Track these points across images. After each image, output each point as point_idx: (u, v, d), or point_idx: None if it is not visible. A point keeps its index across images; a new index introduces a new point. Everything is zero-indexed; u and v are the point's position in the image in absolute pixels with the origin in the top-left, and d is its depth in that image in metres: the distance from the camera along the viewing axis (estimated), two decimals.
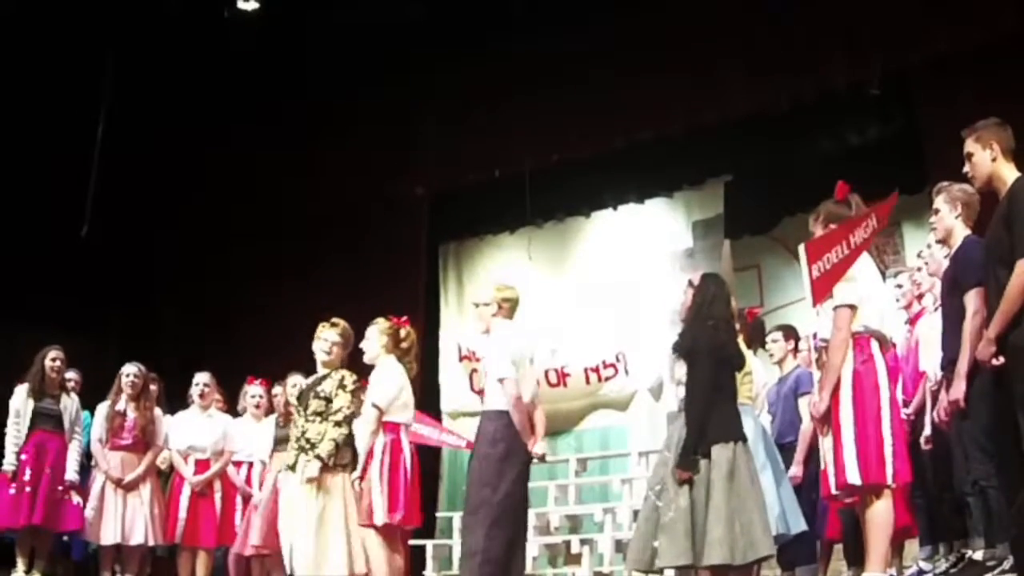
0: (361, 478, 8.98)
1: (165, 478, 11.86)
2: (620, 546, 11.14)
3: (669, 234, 13.31)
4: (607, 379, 13.52)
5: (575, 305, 14.00)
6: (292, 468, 9.05)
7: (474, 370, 14.46)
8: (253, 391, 11.97)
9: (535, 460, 8.86)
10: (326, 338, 9.37)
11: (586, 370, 13.67)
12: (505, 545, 8.51)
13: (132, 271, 16.08)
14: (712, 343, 7.84)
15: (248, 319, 15.49)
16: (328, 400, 9.05)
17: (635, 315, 13.14)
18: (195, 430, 11.44)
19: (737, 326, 8.74)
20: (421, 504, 9.34)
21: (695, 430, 7.66)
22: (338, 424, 9.00)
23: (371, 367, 9.22)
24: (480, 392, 13.70)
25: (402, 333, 9.49)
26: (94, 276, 15.16)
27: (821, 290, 7.03)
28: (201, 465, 11.39)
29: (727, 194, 12.81)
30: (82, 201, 14.20)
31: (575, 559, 11.63)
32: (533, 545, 11.96)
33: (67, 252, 14.57)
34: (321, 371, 9.36)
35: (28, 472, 10.86)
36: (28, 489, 10.82)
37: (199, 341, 14.07)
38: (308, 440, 9.00)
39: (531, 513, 12.14)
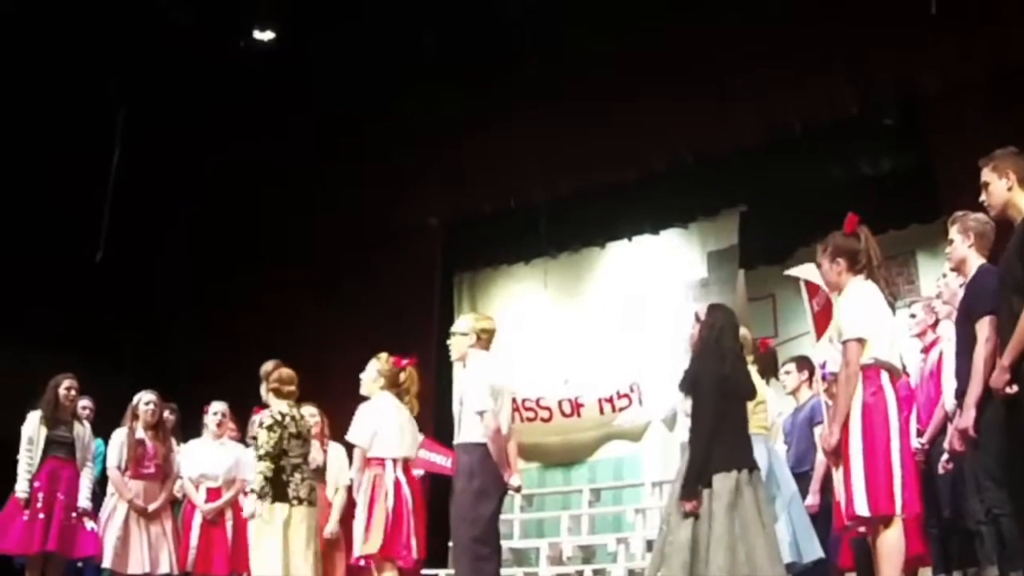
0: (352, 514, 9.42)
1: (176, 506, 11.86)
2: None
3: (684, 265, 13.31)
4: (621, 409, 13.50)
5: (590, 335, 13.98)
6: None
7: None
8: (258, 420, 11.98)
9: (511, 492, 8.97)
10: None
11: (600, 400, 13.64)
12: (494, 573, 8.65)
13: (144, 297, 16.10)
14: (717, 375, 7.81)
15: (259, 348, 15.44)
16: (255, 438, 9.67)
17: (649, 346, 13.13)
18: (208, 458, 11.27)
19: (750, 357, 8.78)
20: (423, 534, 9.52)
21: (697, 461, 7.65)
22: (260, 459, 9.33)
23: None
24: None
25: (402, 376, 9.76)
26: (106, 301, 15.14)
27: (823, 323, 7.04)
28: (213, 493, 11.22)
29: (742, 224, 12.81)
30: (97, 226, 14.20)
31: None
32: (547, 575, 11.95)
33: (80, 277, 14.57)
34: None
35: (41, 499, 10.81)
36: (41, 516, 10.77)
37: (209, 369, 14.03)
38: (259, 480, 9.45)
39: (544, 543, 12.19)
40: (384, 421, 9.48)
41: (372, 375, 9.73)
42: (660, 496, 11.43)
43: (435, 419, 14.63)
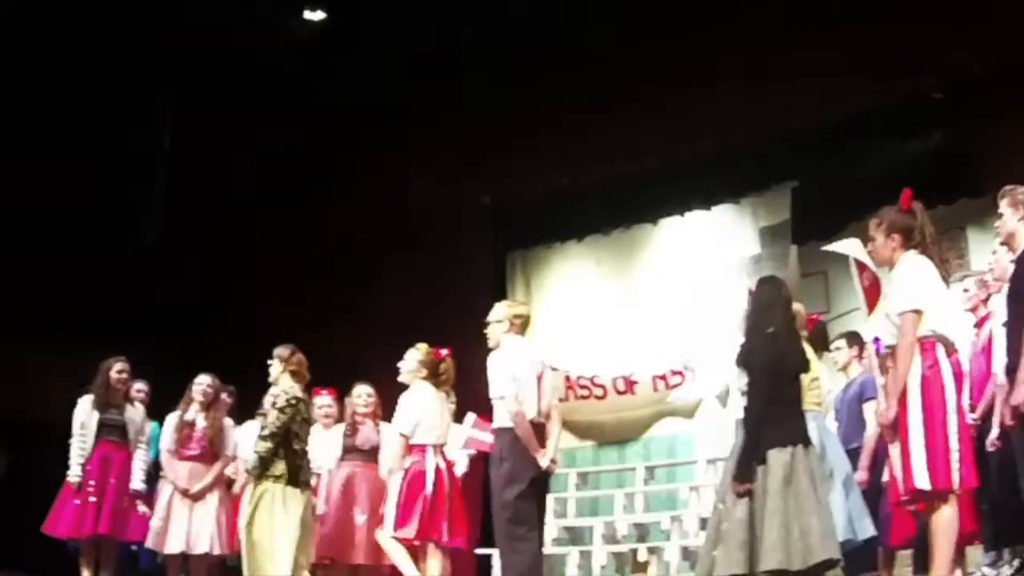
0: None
1: (230, 489, 11.89)
2: (687, 554, 11.10)
3: (736, 240, 13.21)
4: (674, 387, 13.43)
5: (643, 312, 13.92)
6: None
7: None
8: (321, 401, 11.98)
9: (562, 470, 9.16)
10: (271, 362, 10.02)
11: (654, 378, 13.59)
12: (532, 557, 8.92)
13: (199, 283, 16.17)
14: (769, 352, 7.78)
15: (314, 329, 15.54)
16: (264, 416, 9.87)
17: (702, 322, 13.04)
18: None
19: (803, 332, 8.74)
20: (463, 517, 10.05)
21: (751, 439, 7.63)
22: (263, 439, 9.57)
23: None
24: None
25: (441, 367, 10.07)
26: (165, 287, 15.22)
27: (872, 298, 7.00)
28: None
29: (793, 200, 12.72)
30: (149, 212, 14.27)
31: (642, 568, 11.59)
32: (601, 553, 11.98)
33: (134, 266, 14.64)
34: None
35: (93, 483, 10.90)
36: (93, 499, 10.83)
37: (267, 353, 14.11)
38: (255, 453, 9.69)
39: (599, 521, 12.18)
40: (426, 409, 9.78)
41: (412, 365, 10.01)
42: (714, 473, 11.37)
43: (488, 397, 14.66)
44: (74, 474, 10.99)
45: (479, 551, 12.65)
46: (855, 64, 11.94)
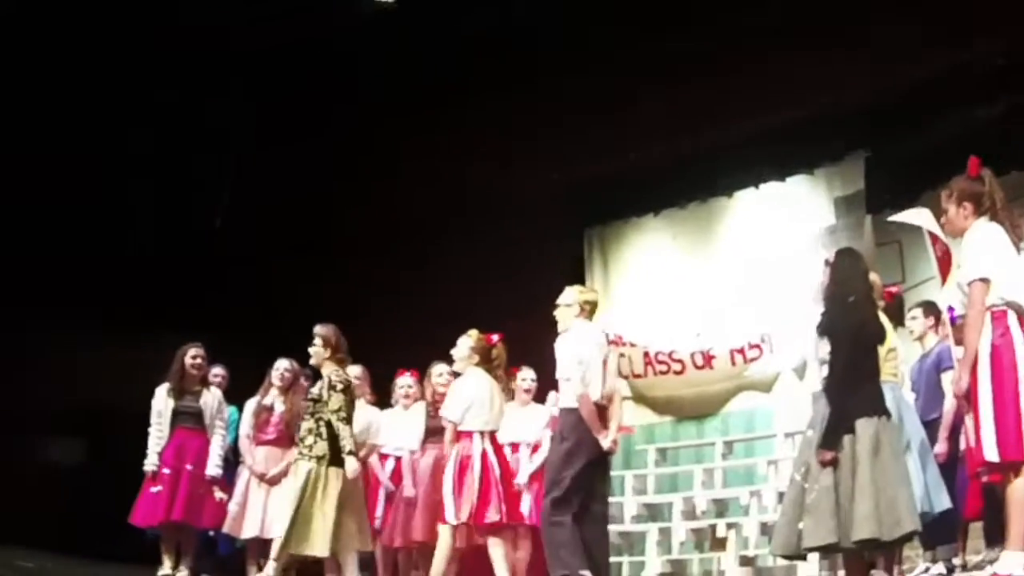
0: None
1: None
2: (766, 529, 11.02)
3: (811, 211, 13.10)
4: (752, 360, 13.32)
5: (719, 286, 13.85)
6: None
7: (622, 355, 14.40)
8: (402, 381, 11.99)
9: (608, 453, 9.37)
10: (312, 343, 10.30)
11: (731, 352, 13.49)
12: (570, 531, 9.04)
13: (274, 265, 16.21)
14: (851, 321, 7.80)
15: (392, 308, 15.56)
16: (317, 400, 9.98)
17: (779, 294, 12.93)
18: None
19: (880, 303, 8.69)
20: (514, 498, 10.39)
21: (837, 409, 7.62)
22: (344, 421, 9.86)
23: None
24: (626, 377, 13.87)
25: (493, 353, 10.31)
26: (235, 272, 15.26)
27: (945, 268, 6.91)
28: None
29: (867, 169, 12.59)
30: (218, 197, 14.31)
31: (720, 543, 11.54)
32: (680, 530, 11.93)
33: (208, 251, 14.69)
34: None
35: (169, 470, 11.00)
36: (169, 486, 10.93)
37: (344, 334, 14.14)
38: (301, 436, 10.02)
39: (678, 497, 12.13)
40: (477, 396, 10.02)
41: (464, 352, 10.22)
42: (792, 447, 11.27)
43: None
44: (151, 463, 11.08)
45: None
46: (928, 31, 11.76)
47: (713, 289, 13.91)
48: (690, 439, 13.61)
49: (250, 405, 11.52)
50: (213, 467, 11.35)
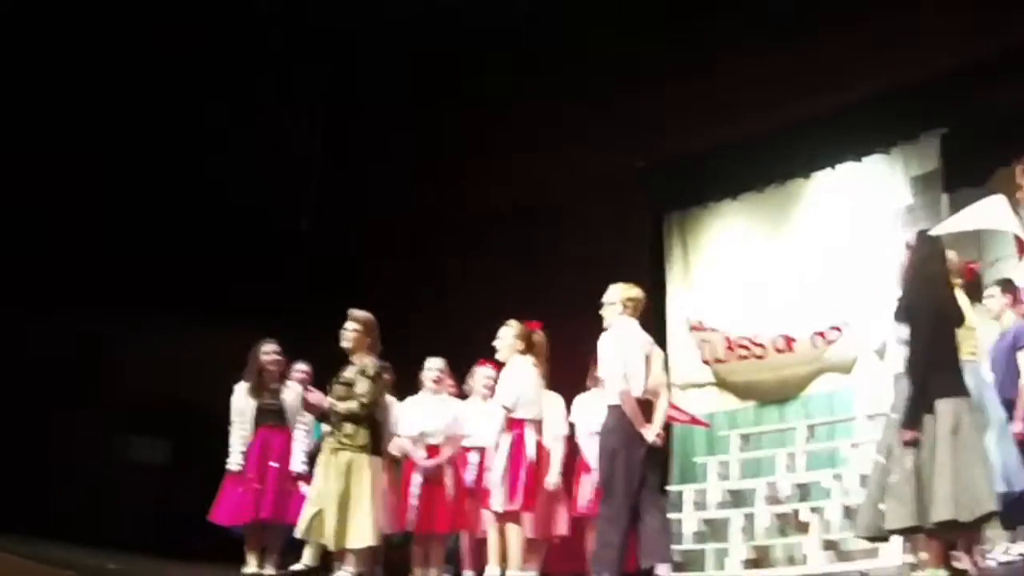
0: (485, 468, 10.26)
1: (396, 465, 11.96)
2: (848, 512, 10.98)
3: (888, 191, 12.97)
4: (832, 342, 13.24)
5: (798, 268, 13.79)
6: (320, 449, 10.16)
7: (703, 340, 14.39)
8: (485, 372, 12.02)
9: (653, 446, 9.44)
10: (346, 327, 10.31)
11: (812, 335, 13.42)
12: (620, 531, 9.22)
13: (351, 260, 16.32)
14: (931, 303, 7.85)
15: (471, 297, 15.64)
16: (349, 385, 10.03)
17: (858, 275, 12.86)
18: (426, 415, 11.43)
19: (958, 281, 8.67)
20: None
21: (918, 389, 7.68)
22: (364, 405, 9.99)
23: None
24: (707, 362, 13.85)
25: (534, 337, 10.44)
26: (315, 267, 15.35)
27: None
28: (432, 450, 11.39)
29: (943, 147, 12.48)
30: (302, 196, 14.42)
31: (803, 528, 11.50)
32: (764, 515, 11.89)
33: (287, 246, 14.78)
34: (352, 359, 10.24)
35: (254, 469, 11.10)
36: (255, 486, 11.02)
37: (421, 327, 14.19)
38: (332, 424, 10.07)
39: (761, 482, 12.11)
40: (526, 384, 10.21)
41: (510, 341, 10.28)
42: (874, 429, 11.20)
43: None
44: (234, 462, 11.18)
45: None
46: (1003, 7, 11.64)
47: (792, 272, 13.86)
48: (772, 423, 13.56)
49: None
50: (298, 463, 11.41)
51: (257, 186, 15.62)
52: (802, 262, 13.77)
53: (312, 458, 11.59)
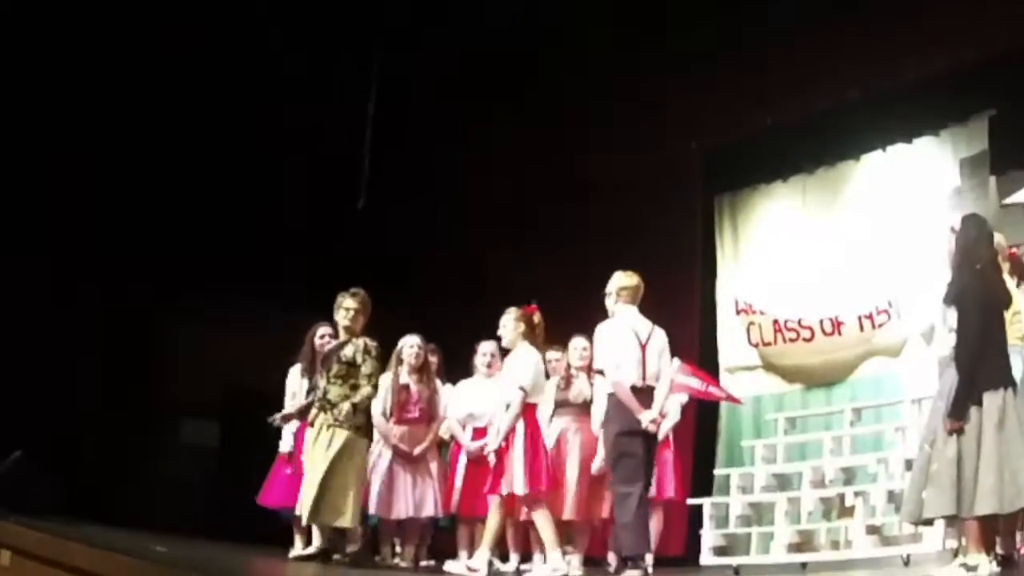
0: (503, 452, 10.11)
1: (444, 447, 12.01)
2: (892, 497, 10.90)
3: (937, 173, 12.86)
4: (880, 326, 13.16)
5: (847, 251, 13.70)
6: (312, 426, 10.28)
7: (751, 323, 14.35)
8: (549, 355, 12.04)
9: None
10: (347, 307, 10.44)
11: (859, 318, 13.35)
12: (634, 511, 9.47)
13: (404, 242, 16.37)
14: (980, 289, 7.81)
15: (526, 283, 15.64)
16: (351, 364, 10.20)
17: (906, 258, 12.79)
18: (475, 399, 11.50)
19: (1005, 265, 8.63)
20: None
21: (966, 379, 7.63)
22: (355, 388, 10.16)
23: None
24: (756, 345, 13.81)
25: (535, 319, 10.57)
26: (367, 248, 15.39)
27: None
28: (479, 433, 11.40)
29: (991, 129, 12.38)
30: (357, 175, 14.46)
31: (848, 512, 11.43)
32: (808, 500, 11.84)
33: (341, 226, 14.82)
34: (343, 336, 10.45)
35: (304, 451, 11.00)
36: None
37: (473, 310, 14.24)
38: (329, 401, 10.12)
39: (806, 466, 12.07)
40: (539, 369, 10.36)
41: (513, 325, 10.50)
42: (919, 413, 11.15)
43: (700, 343, 14.64)
44: (285, 444, 11.25)
45: (691, 500, 12.65)
46: None
47: (841, 254, 13.76)
48: (819, 407, 13.51)
49: (382, 383, 11.57)
50: None
51: (312, 165, 15.68)
52: (851, 245, 13.68)
53: None
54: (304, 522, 10.35)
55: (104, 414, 14.72)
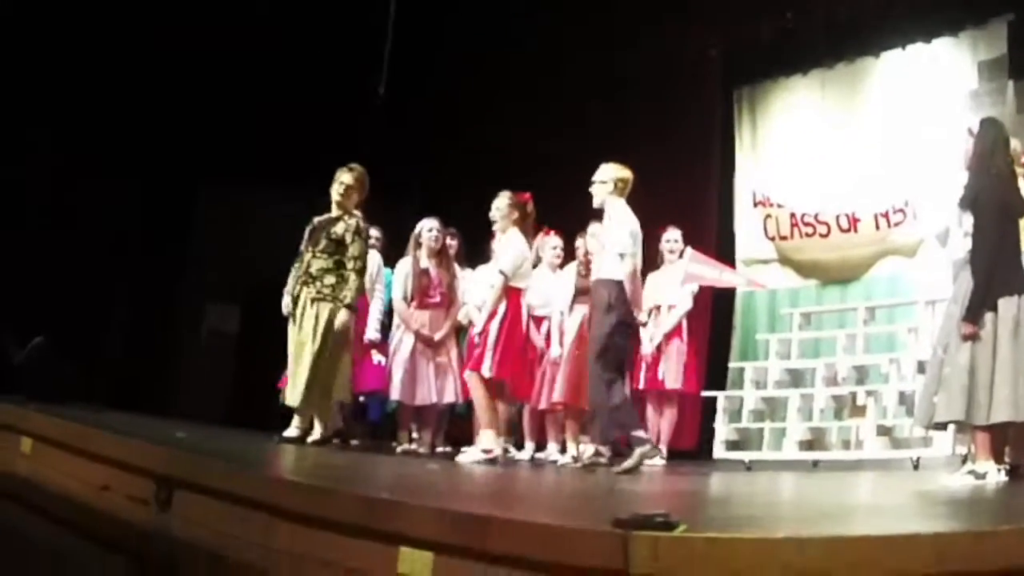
0: (482, 332, 10.43)
1: (461, 333, 12.11)
2: (903, 398, 11.04)
3: (955, 75, 12.84)
4: (896, 224, 13.24)
5: (865, 149, 13.70)
6: (296, 300, 10.36)
7: (768, 216, 14.41)
8: (552, 242, 12.13)
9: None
10: (342, 180, 10.55)
11: (876, 216, 13.42)
12: (623, 392, 9.97)
13: (424, 129, 16.38)
14: (996, 194, 7.84)
15: (545, 171, 15.69)
16: (339, 243, 10.32)
17: (923, 159, 12.79)
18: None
19: (1020, 171, 8.65)
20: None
21: (982, 284, 7.70)
22: (358, 272, 10.34)
23: None
24: (772, 238, 13.86)
25: (528, 208, 10.79)
26: (388, 135, 15.41)
27: None
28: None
29: (1010, 34, 12.34)
30: (378, 62, 14.44)
31: (860, 411, 11.54)
32: (820, 397, 11.97)
33: (363, 112, 14.82)
34: (335, 212, 10.51)
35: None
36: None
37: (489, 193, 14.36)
38: (311, 275, 10.27)
39: (820, 363, 12.19)
40: (524, 254, 10.64)
41: (505, 210, 10.62)
42: (932, 315, 11.24)
43: (718, 236, 14.69)
44: (373, 331, 11.38)
45: (705, 393, 12.79)
46: None
47: (859, 151, 13.76)
48: (833, 303, 13.60)
49: (403, 267, 11.66)
50: (372, 331, 11.63)
51: (333, 53, 15.65)
52: (869, 142, 13.68)
53: (383, 326, 11.82)
54: (297, 405, 10.43)
55: (129, 302, 14.87)
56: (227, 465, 6.54)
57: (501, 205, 10.74)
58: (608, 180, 10.21)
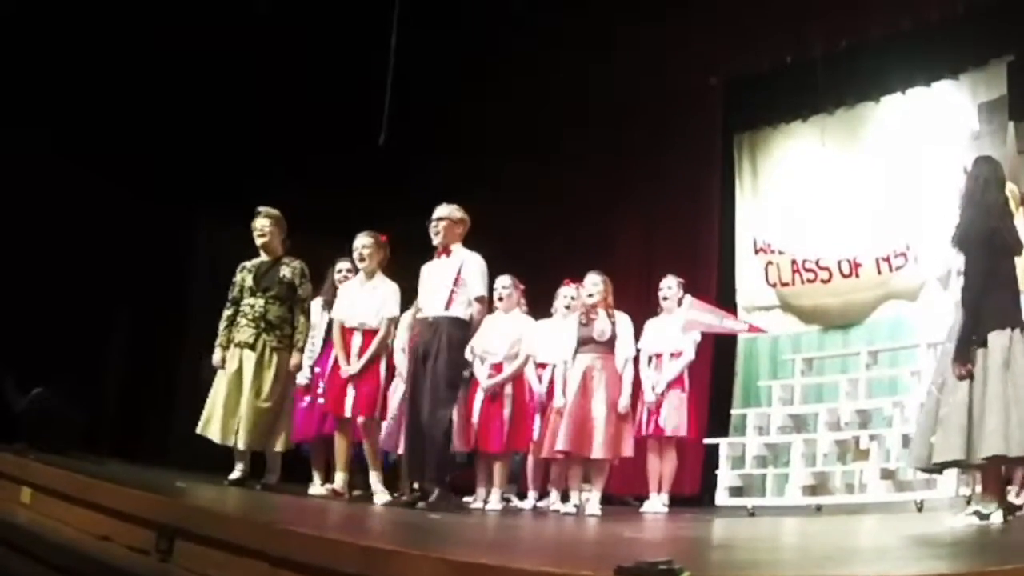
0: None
1: (465, 384, 12.02)
2: (907, 441, 10.98)
3: (956, 117, 12.89)
4: (898, 268, 13.27)
5: (865, 193, 13.74)
6: (251, 347, 10.26)
7: (769, 263, 14.42)
8: (567, 292, 12.10)
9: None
10: (264, 224, 10.50)
11: (877, 260, 13.44)
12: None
13: (426, 177, 16.33)
14: (984, 230, 7.79)
15: (542, 225, 15.70)
16: (291, 287, 10.36)
17: (924, 202, 12.82)
18: (491, 334, 11.36)
19: (1019, 211, 8.64)
20: None
21: (970, 319, 7.67)
22: (306, 315, 10.45)
23: None
24: (774, 285, 13.85)
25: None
26: (389, 183, 15.37)
27: None
28: (496, 368, 11.45)
29: (1010, 75, 12.38)
30: (379, 109, 14.43)
31: (863, 455, 11.53)
32: (823, 442, 11.94)
33: (364, 160, 14.79)
34: (265, 256, 10.53)
35: (321, 385, 11.06)
36: (321, 401, 10.97)
37: (495, 247, 14.32)
38: (270, 322, 10.23)
39: (823, 408, 12.16)
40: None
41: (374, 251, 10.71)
42: (935, 358, 11.22)
43: (719, 283, 14.69)
44: (303, 376, 11.25)
45: (708, 440, 12.77)
46: None
47: (860, 196, 13.81)
48: (836, 348, 13.59)
49: (405, 318, 11.59)
50: (303, 377, 11.47)
51: (334, 99, 15.63)
52: (870, 186, 13.73)
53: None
54: (242, 447, 10.37)
55: (128, 350, 14.83)
56: (228, 514, 6.50)
57: (364, 248, 10.70)
58: (458, 220, 10.38)
